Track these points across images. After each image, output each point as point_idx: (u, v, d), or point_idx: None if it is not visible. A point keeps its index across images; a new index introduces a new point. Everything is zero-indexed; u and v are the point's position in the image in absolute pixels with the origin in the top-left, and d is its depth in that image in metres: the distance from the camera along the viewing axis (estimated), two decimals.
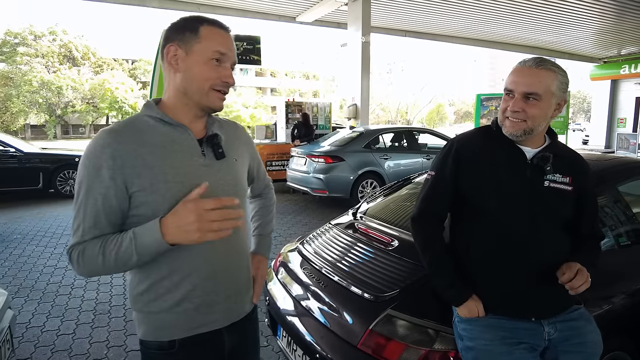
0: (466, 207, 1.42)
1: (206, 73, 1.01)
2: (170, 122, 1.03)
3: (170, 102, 1.05)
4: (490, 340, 1.33)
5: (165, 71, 1.04)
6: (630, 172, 2.28)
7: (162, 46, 1.03)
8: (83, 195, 0.97)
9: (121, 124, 1.01)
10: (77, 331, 3.02)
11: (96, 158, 0.95)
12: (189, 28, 1.01)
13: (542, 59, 1.34)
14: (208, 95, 1.03)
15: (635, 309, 1.84)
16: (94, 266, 0.97)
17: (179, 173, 1.00)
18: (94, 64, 39.57)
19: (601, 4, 10.82)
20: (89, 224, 0.97)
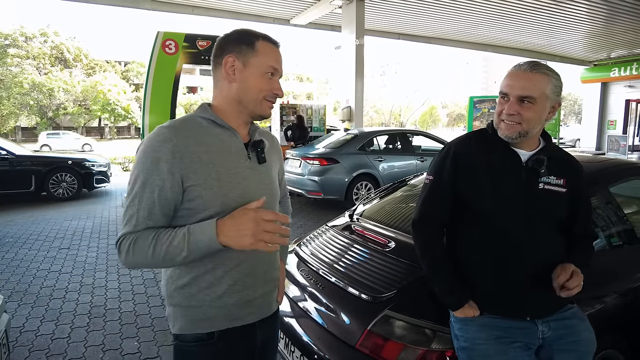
0: (463, 209, 1.44)
1: (261, 85, 1.10)
2: (222, 125, 1.11)
3: (221, 107, 1.13)
4: (485, 339, 1.35)
5: (219, 79, 1.12)
6: (621, 173, 2.32)
7: (216, 55, 1.12)
8: (139, 186, 1.02)
9: (178, 121, 1.08)
10: (72, 335, 3.00)
11: (155, 152, 1.01)
12: (245, 42, 1.09)
13: (537, 63, 1.36)
14: (261, 104, 1.12)
15: (627, 308, 1.87)
16: (142, 257, 1.00)
17: (229, 173, 1.08)
18: (86, 66, 39.28)
19: (591, 8, 10.98)
20: (144, 215, 1.02)
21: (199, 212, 1.05)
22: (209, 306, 1.10)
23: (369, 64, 10.98)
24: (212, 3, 10.78)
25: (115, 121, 37.84)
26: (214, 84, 1.15)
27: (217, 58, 1.11)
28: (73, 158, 8.33)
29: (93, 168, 8.29)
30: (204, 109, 1.12)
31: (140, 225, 1.02)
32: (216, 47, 1.12)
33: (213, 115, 1.11)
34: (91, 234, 5.69)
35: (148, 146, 1.02)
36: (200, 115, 1.11)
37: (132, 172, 1.04)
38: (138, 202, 1.02)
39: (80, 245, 5.20)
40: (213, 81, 1.15)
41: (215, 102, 1.14)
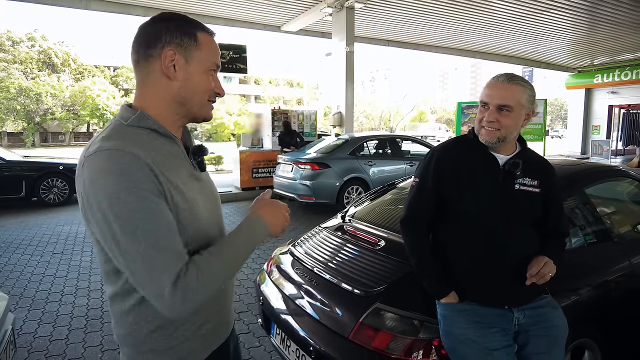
0: (447, 209, 1.57)
1: (206, 84, 0.97)
2: (164, 134, 0.94)
3: (158, 110, 0.94)
4: (465, 324, 1.48)
5: (152, 74, 0.93)
6: (595, 175, 2.48)
7: (148, 45, 0.92)
8: (144, 220, 0.81)
9: (121, 137, 0.87)
10: (70, 336, 3.05)
11: (134, 178, 0.82)
12: (186, 32, 0.93)
13: (513, 75, 1.51)
14: (205, 106, 1.00)
15: (600, 300, 2.01)
16: (215, 280, 0.88)
17: (188, 189, 0.93)
18: (74, 71, 39.03)
19: (574, 17, 11.32)
20: (174, 241, 0.84)
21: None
22: (189, 340, 0.97)
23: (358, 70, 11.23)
24: (205, 10, 10.87)
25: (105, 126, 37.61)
26: (140, 81, 0.95)
27: (150, 49, 0.91)
28: (64, 163, 8.33)
29: None
30: (142, 117, 0.91)
31: (183, 253, 0.84)
32: (148, 35, 0.93)
33: (155, 124, 0.92)
34: (84, 239, 5.71)
35: (120, 172, 0.81)
36: (137, 125, 0.91)
37: (113, 213, 0.80)
38: (159, 233, 0.82)
39: (74, 249, 5.23)
40: (138, 77, 0.95)
41: (145, 104, 0.94)
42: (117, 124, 0.92)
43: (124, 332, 0.95)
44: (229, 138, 32.38)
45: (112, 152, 0.83)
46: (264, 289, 2.35)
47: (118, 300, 0.94)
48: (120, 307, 0.94)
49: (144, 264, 0.80)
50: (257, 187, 9.02)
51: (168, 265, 0.81)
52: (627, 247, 2.29)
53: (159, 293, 0.81)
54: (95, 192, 0.82)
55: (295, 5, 10.49)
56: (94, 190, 0.82)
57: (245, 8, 10.73)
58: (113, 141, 0.85)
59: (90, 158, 0.84)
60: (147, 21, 0.96)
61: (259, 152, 9.37)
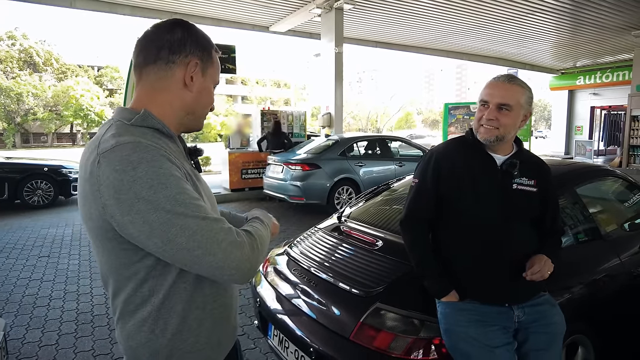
0: (447, 208, 1.59)
1: (211, 99, 1.01)
2: (168, 134, 0.93)
3: (164, 114, 0.93)
4: (466, 322, 1.50)
5: (165, 79, 0.92)
6: (586, 175, 2.53)
7: (171, 50, 0.90)
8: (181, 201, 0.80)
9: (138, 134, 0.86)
10: (60, 342, 2.99)
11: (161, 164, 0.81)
12: (207, 48, 0.96)
13: (513, 76, 1.54)
14: (203, 118, 1.02)
15: (593, 297, 2.06)
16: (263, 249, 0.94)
17: (196, 187, 0.93)
18: (56, 70, 38.32)
19: (557, 20, 11.55)
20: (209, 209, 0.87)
21: None
22: (205, 349, 0.96)
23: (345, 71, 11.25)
24: (193, 10, 10.78)
25: (89, 127, 36.93)
26: (150, 82, 0.93)
27: (175, 55, 0.91)
28: (49, 165, 8.17)
29: (70, 175, 8.14)
30: (148, 116, 0.89)
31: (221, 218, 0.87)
32: (169, 39, 0.91)
33: (160, 123, 0.91)
34: (71, 242, 5.61)
35: (149, 160, 0.80)
36: (142, 125, 0.89)
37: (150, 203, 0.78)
38: (203, 209, 0.83)
39: (61, 253, 5.13)
40: (151, 79, 0.92)
41: (152, 107, 0.92)
42: (119, 124, 0.88)
43: (137, 343, 0.91)
44: (216, 139, 32.14)
45: (135, 144, 0.81)
46: (260, 290, 2.34)
47: (131, 309, 0.91)
48: (135, 316, 0.90)
49: (205, 233, 0.80)
50: (246, 188, 8.98)
51: (226, 228, 0.84)
52: (617, 244, 2.34)
53: (227, 253, 0.81)
54: (130, 184, 0.78)
55: (284, 5, 10.48)
56: (126, 183, 0.78)
57: (233, 8, 10.67)
58: (128, 136, 0.83)
59: (108, 153, 0.80)
60: (166, 23, 0.95)
61: (248, 152, 9.32)
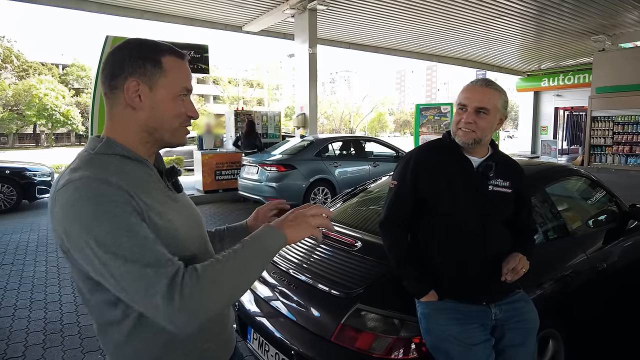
0: (425, 209, 1.62)
1: (176, 110, 0.94)
2: (135, 158, 0.92)
3: (127, 140, 0.92)
4: (445, 321, 1.54)
5: (117, 106, 0.91)
6: (555, 175, 2.64)
7: (111, 76, 0.90)
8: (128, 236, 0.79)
9: (94, 163, 0.86)
10: (27, 353, 2.86)
11: (110, 199, 0.80)
12: (149, 59, 0.90)
13: (490, 81, 1.59)
14: (178, 132, 0.96)
15: (562, 292, 2.15)
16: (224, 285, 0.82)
17: (165, 210, 0.91)
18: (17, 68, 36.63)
19: (523, 24, 11.98)
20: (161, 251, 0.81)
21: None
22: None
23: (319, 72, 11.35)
24: (163, 8, 10.54)
25: (54, 127, 35.55)
26: (107, 112, 0.94)
27: (113, 80, 0.90)
28: (11, 167, 7.81)
29: (34, 178, 7.81)
30: (109, 144, 0.90)
31: (174, 260, 0.81)
32: (110, 66, 0.91)
33: (124, 150, 0.90)
34: (37, 248, 5.38)
35: (95, 198, 0.79)
36: (106, 153, 0.89)
37: (94, 238, 0.78)
38: (142, 248, 0.79)
39: (26, 260, 4.91)
40: (107, 108, 0.94)
41: (114, 134, 0.92)
42: (84, 154, 0.90)
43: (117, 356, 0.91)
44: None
45: (82, 180, 0.81)
46: None
47: (113, 330, 0.89)
48: (116, 337, 0.89)
49: (134, 279, 0.77)
50: (220, 190, 8.86)
51: (159, 274, 0.77)
52: (583, 241, 2.45)
53: (154, 304, 0.76)
54: (71, 223, 0.80)
55: (257, 6, 10.41)
56: (70, 221, 0.80)
57: (206, 7, 10.51)
58: (82, 171, 0.84)
59: (60, 191, 0.82)
60: (111, 50, 0.93)
61: (221, 153, 9.20)
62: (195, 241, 0.97)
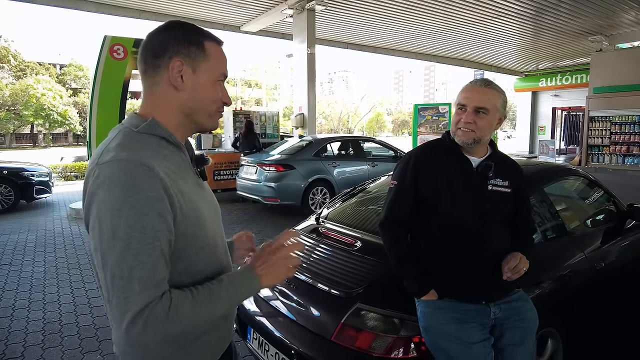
0: (425, 209, 1.62)
1: (214, 94, 0.96)
2: (174, 142, 0.94)
3: (166, 120, 0.93)
4: (445, 320, 1.54)
5: (159, 84, 0.93)
6: (553, 175, 2.65)
7: (155, 55, 0.91)
8: (138, 238, 0.79)
9: (134, 145, 0.86)
10: (25, 354, 2.86)
11: (142, 190, 0.80)
12: (194, 42, 0.93)
13: (489, 81, 1.60)
14: (213, 117, 0.98)
15: (561, 291, 2.15)
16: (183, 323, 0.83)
17: (195, 198, 0.93)
18: (14, 68, 36.49)
19: (521, 24, 12.02)
20: (160, 270, 0.81)
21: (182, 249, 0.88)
22: (192, 354, 0.96)
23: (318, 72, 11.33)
24: (161, 7, 10.53)
25: (51, 127, 35.42)
26: (148, 91, 0.94)
27: (157, 59, 0.91)
28: (9, 167, 7.79)
29: (32, 178, 7.79)
30: (154, 124, 0.91)
31: (164, 277, 0.81)
32: (154, 45, 0.92)
33: (165, 132, 0.92)
34: (35, 248, 5.37)
35: (128, 185, 0.80)
36: (148, 132, 0.90)
37: (111, 226, 0.78)
38: (145, 258, 0.79)
39: (24, 260, 4.90)
40: (145, 86, 0.95)
41: (154, 112, 0.93)
42: (127, 131, 0.90)
43: (127, 349, 0.93)
44: None
45: (126, 162, 0.82)
46: None
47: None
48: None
49: (121, 283, 0.78)
50: (218, 190, 8.85)
51: (142, 293, 0.78)
52: (581, 240, 2.46)
53: (122, 316, 0.78)
54: (99, 201, 0.80)
55: (255, 5, 10.41)
56: (99, 198, 0.80)
57: (204, 7, 10.52)
58: (129, 151, 0.84)
59: (103, 166, 0.83)
60: (154, 30, 0.95)
61: (220, 153, 9.19)
62: (216, 229, 0.99)
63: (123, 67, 7.06)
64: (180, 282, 0.87)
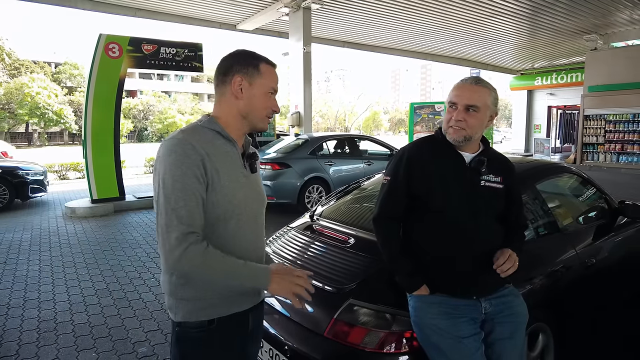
0: (418, 204, 1.64)
1: (265, 103, 1.26)
2: (226, 137, 1.24)
3: (226, 120, 1.26)
4: (436, 314, 1.56)
5: (225, 94, 1.25)
6: (545, 172, 2.67)
7: (224, 73, 1.25)
8: (180, 190, 1.10)
9: (193, 132, 1.19)
10: (20, 352, 2.86)
11: (187, 159, 1.12)
12: (252, 64, 1.24)
13: (480, 78, 1.61)
14: (263, 120, 1.29)
15: (552, 287, 2.18)
16: (213, 267, 1.11)
17: (231, 180, 1.20)
18: (9, 66, 36.22)
19: (517, 23, 12.06)
20: (196, 215, 1.12)
21: (207, 213, 1.16)
22: (211, 297, 1.21)
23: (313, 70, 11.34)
24: (156, 6, 10.50)
25: (46, 126, 35.24)
26: (218, 98, 1.28)
27: (225, 76, 1.24)
28: (3, 166, 7.76)
29: (27, 177, 7.77)
30: (212, 121, 1.24)
31: (197, 223, 1.11)
32: (224, 66, 1.25)
33: (219, 127, 1.23)
34: (30, 247, 5.35)
35: (179, 154, 1.12)
36: (208, 127, 1.23)
37: (163, 178, 1.11)
38: (184, 203, 1.09)
39: (19, 259, 4.89)
40: (217, 95, 1.28)
41: (219, 114, 1.27)
42: (195, 124, 1.25)
43: (164, 279, 1.23)
44: None
45: (180, 140, 1.15)
46: None
47: None
48: None
49: (163, 218, 1.10)
50: None
51: (180, 227, 1.08)
52: (573, 237, 2.49)
53: (162, 243, 1.10)
54: (159, 163, 1.15)
55: (252, 4, 10.40)
56: (160, 161, 1.15)
57: (199, 5, 10.49)
58: (184, 134, 1.17)
59: (166, 141, 1.17)
60: (225, 55, 1.28)
61: None
62: (247, 210, 1.26)
63: (118, 65, 7.05)
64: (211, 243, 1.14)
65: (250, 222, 1.27)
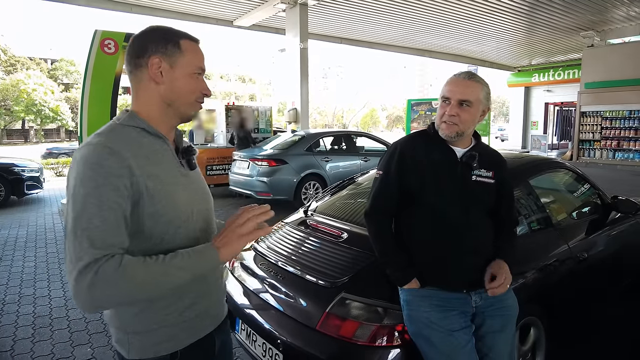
0: (410, 199, 1.64)
1: (191, 86, 1.06)
2: (153, 133, 1.03)
3: (149, 112, 1.05)
4: (427, 308, 1.57)
5: (142, 81, 1.04)
6: (538, 167, 2.68)
7: (137, 55, 1.02)
8: (95, 205, 0.89)
9: (110, 134, 0.98)
10: (15, 347, 2.86)
11: (103, 168, 0.91)
12: (171, 41, 1.03)
13: (472, 73, 1.61)
14: (193, 106, 1.08)
15: (544, 281, 2.19)
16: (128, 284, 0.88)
17: (168, 183, 1.01)
18: (4, 63, 36.03)
19: (515, 20, 12.06)
20: (113, 234, 0.90)
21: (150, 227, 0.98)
22: (171, 326, 1.04)
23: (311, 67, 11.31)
24: (152, 1, 10.45)
25: (43, 123, 35.08)
26: (133, 88, 1.06)
27: (139, 59, 1.02)
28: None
29: (23, 173, 7.74)
30: (132, 116, 1.03)
31: (116, 243, 0.90)
32: (135, 46, 1.03)
33: (144, 123, 1.03)
34: (26, 243, 5.35)
35: (93, 162, 0.91)
36: (129, 124, 1.02)
37: (73, 193, 0.91)
38: (100, 222, 0.88)
39: (15, 255, 4.88)
40: (132, 84, 1.06)
41: (139, 108, 1.05)
42: (112, 123, 1.03)
43: (111, 312, 1.04)
44: None
45: (95, 145, 0.94)
46: (227, 284, 2.34)
47: None
48: None
49: (72, 241, 0.89)
50: (211, 185, 8.83)
51: (90, 249, 0.87)
52: (566, 232, 2.50)
53: (70, 272, 0.87)
54: (70, 175, 0.95)
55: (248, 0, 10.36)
56: (70, 173, 0.95)
57: (197, 1, 10.45)
58: (101, 137, 0.97)
59: (79, 150, 0.96)
60: (135, 34, 1.06)
61: (212, 148, 9.17)
62: (195, 212, 1.07)
63: (114, 61, 7.00)
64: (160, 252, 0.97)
65: (200, 223, 1.08)
